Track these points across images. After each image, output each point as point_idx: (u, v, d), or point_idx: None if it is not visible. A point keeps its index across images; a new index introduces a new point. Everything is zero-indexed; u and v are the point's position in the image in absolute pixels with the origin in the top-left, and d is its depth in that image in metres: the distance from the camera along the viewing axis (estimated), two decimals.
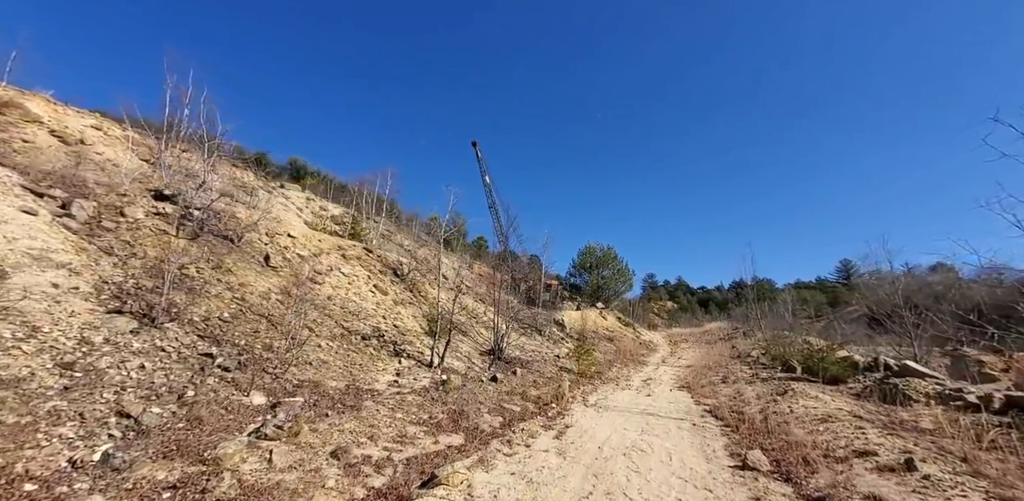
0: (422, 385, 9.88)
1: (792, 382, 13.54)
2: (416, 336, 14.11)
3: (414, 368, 11.18)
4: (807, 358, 14.32)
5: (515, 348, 19.06)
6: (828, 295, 73.87)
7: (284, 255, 13.26)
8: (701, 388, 14.98)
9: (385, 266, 19.28)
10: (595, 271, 45.13)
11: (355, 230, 22.21)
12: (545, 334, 25.56)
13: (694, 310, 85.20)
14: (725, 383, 15.94)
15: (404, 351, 12.21)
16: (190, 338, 7.16)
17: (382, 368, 10.30)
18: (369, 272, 17.29)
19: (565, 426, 9.39)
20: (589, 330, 31.47)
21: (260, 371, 7.46)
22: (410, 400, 8.47)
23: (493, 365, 14.68)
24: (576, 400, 12.63)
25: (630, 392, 14.77)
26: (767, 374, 16.02)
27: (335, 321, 11.40)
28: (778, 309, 28.98)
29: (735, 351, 26.91)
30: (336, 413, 6.94)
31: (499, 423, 8.95)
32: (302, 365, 8.51)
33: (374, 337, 11.89)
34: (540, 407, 11.08)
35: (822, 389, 11.99)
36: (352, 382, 8.73)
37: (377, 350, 11.28)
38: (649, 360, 25.67)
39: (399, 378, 10.03)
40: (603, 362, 21.84)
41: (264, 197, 29.43)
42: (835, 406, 9.82)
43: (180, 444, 4.65)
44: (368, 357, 10.60)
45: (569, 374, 17.06)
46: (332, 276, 14.52)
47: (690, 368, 21.00)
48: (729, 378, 16.60)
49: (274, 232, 14.04)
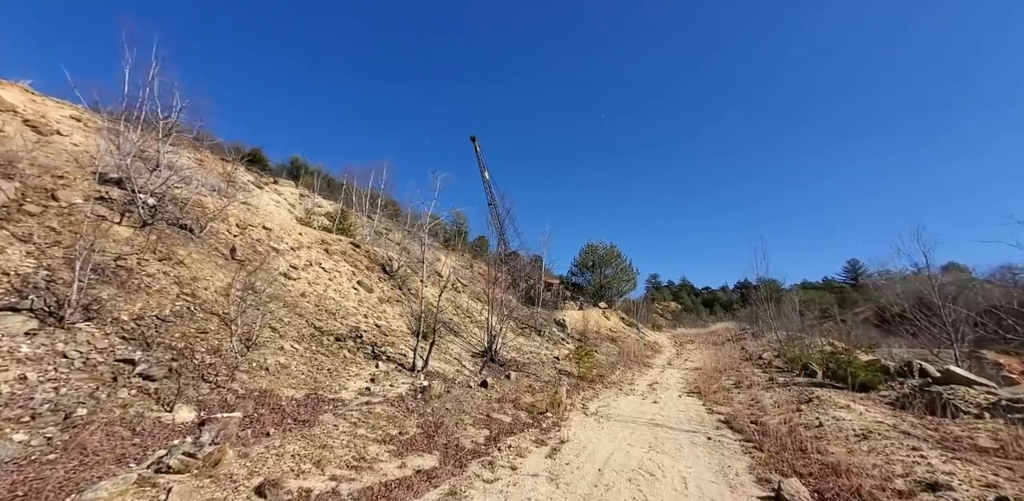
0: (398, 393, 8.68)
1: (815, 388, 12.26)
2: (401, 337, 12.92)
3: (393, 372, 9.98)
4: (830, 362, 13.04)
5: (511, 349, 17.84)
6: (836, 296, 72.47)
7: (256, 248, 12.10)
8: (713, 394, 13.72)
9: (373, 262, 18.11)
10: (598, 270, 43.80)
11: (344, 225, 21.04)
12: (544, 334, 24.32)
13: (698, 311, 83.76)
14: (739, 388, 14.66)
15: (384, 353, 11.01)
16: (109, 341, 5.98)
17: (355, 373, 9.10)
18: (354, 268, 16.11)
19: (560, 441, 8.17)
20: (591, 330, 30.22)
21: (197, 379, 6.28)
22: (380, 411, 7.26)
23: (485, 368, 13.47)
24: (575, 408, 11.40)
25: (635, 398, 13.53)
26: (784, 378, 14.73)
27: (306, 320, 10.21)
28: (785, 310, 27.63)
29: (745, 353, 25.59)
30: (281, 431, 5.73)
31: (484, 438, 7.73)
32: (255, 371, 7.32)
33: (350, 338, 10.70)
34: (534, 417, 9.86)
35: (851, 397, 10.71)
36: (314, 390, 7.53)
37: (352, 352, 10.09)
38: (654, 362, 24.39)
39: (373, 384, 8.83)
40: (605, 364, 20.59)
41: (243, 190, 28.35)
42: (872, 418, 8.55)
43: (31, 487, 3.45)
44: (340, 361, 9.40)
45: (569, 378, 15.82)
46: (310, 271, 13.35)
47: (698, 371, 19.72)
48: (743, 383, 15.32)
49: (246, 223, 12.88)
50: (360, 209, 33.92)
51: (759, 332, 34.95)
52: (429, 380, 10.42)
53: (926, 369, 10.94)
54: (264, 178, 34.43)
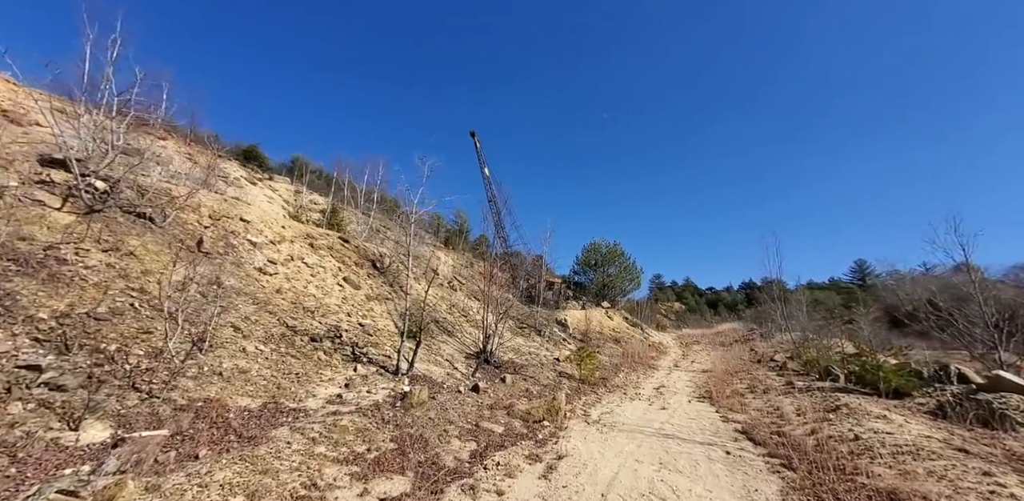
0: (375, 400, 7.66)
1: (840, 394, 11.18)
2: (388, 337, 11.92)
3: (373, 377, 8.97)
4: (855, 365, 11.95)
5: (509, 350, 16.81)
6: (843, 296, 71.20)
7: (228, 241, 11.11)
8: (726, 399, 12.66)
9: (363, 258, 17.11)
10: (600, 269, 42.69)
11: (334, 220, 20.08)
12: (545, 335, 23.27)
13: (703, 311, 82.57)
14: (753, 393, 13.58)
15: (366, 355, 10.01)
16: (14, 343, 4.99)
17: (328, 378, 8.10)
18: (341, 264, 15.12)
19: (558, 456, 7.14)
20: (594, 331, 29.16)
21: (126, 388, 5.28)
22: (347, 423, 6.25)
23: (479, 370, 12.45)
24: (575, 415, 10.37)
25: (641, 403, 12.48)
26: (803, 382, 13.64)
27: (278, 319, 9.22)
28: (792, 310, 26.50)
29: (755, 354, 24.49)
30: (217, 452, 4.73)
31: (469, 453, 6.71)
32: (205, 377, 6.32)
33: (328, 338, 9.70)
34: (529, 426, 8.84)
35: (884, 405, 9.63)
36: (274, 399, 6.53)
37: (328, 354, 9.09)
38: (660, 364, 23.31)
39: (347, 390, 7.82)
40: (609, 366, 19.53)
41: (235, 185, 27.43)
42: (916, 431, 7.48)
43: None
44: (313, 364, 8.40)
45: (569, 381, 14.78)
46: (290, 266, 12.36)
47: (707, 374, 18.63)
48: (757, 387, 14.24)
49: (221, 215, 11.91)
50: (356, 206, 32.94)
51: (768, 333, 33.80)
52: (413, 385, 9.40)
53: (966, 374, 9.85)
54: (258, 174, 33.61)
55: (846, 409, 9.58)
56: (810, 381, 14.03)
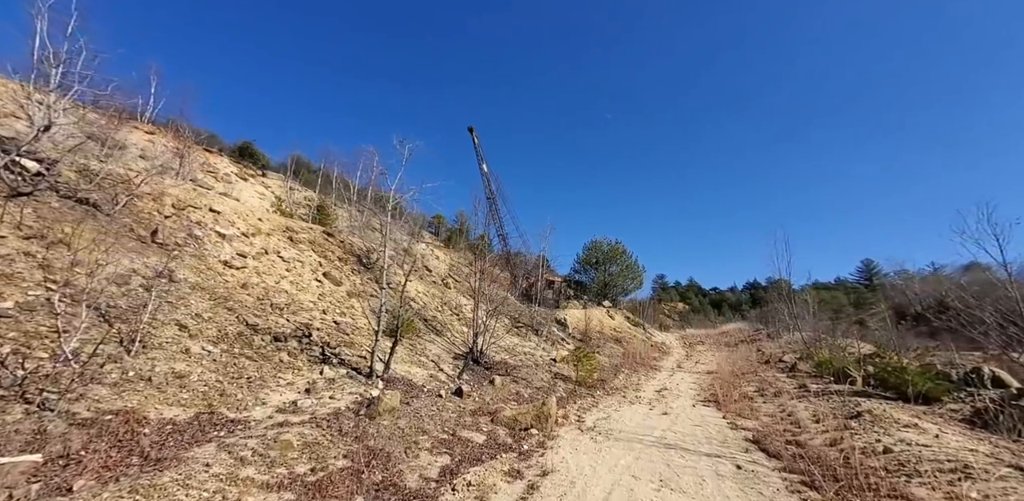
0: (336, 407, 6.74)
1: (859, 399, 10.20)
2: (366, 336, 11.00)
3: (342, 380, 8.05)
4: (877, 367, 10.97)
5: (502, 350, 15.88)
6: (850, 296, 70.02)
7: (192, 232, 10.23)
8: (733, 403, 11.68)
9: (349, 253, 16.23)
10: (602, 267, 41.71)
11: (321, 214, 19.21)
12: (543, 334, 22.32)
13: (707, 311, 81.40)
14: (763, 397, 12.60)
15: (337, 355, 9.10)
16: None
17: (287, 382, 7.18)
18: (323, 259, 14.22)
19: (542, 471, 6.20)
20: (594, 330, 28.17)
21: (12, 400, 4.37)
22: (292, 437, 5.32)
23: (465, 372, 11.53)
24: (568, 421, 9.42)
25: (640, 408, 11.52)
26: (817, 385, 12.65)
27: (237, 316, 8.31)
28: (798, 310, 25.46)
29: (762, 355, 23.46)
30: (104, 480, 3.80)
31: (440, 469, 5.78)
32: (128, 383, 5.41)
33: (294, 338, 8.78)
34: (514, 434, 7.89)
35: (911, 411, 8.65)
36: (211, 408, 5.61)
37: (293, 355, 8.18)
38: (662, 364, 22.32)
39: (306, 397, 6.90)
40: (608, 367, 18.57)
41: (225, 180, 26.61)
42: (955, 442, 6.51)
43: None
44: (272, 366, 7.49)
45: (565, 383, 13.84)
46: (262, 260, 11.46)
47: (713, 375, 17.64)
48: (767, 390, 13.26)
49: (187, 205, 11.02)
50: (350, 203, 32.02)
51: (775, 333, 32.74)
52: (387, 388, 8.48)
53: (1002, 378, 8.86)
54: (251, 170, 32.83)
55: (869, 416, 8.60)
56: (824, 384, 13.03)
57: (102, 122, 15.49)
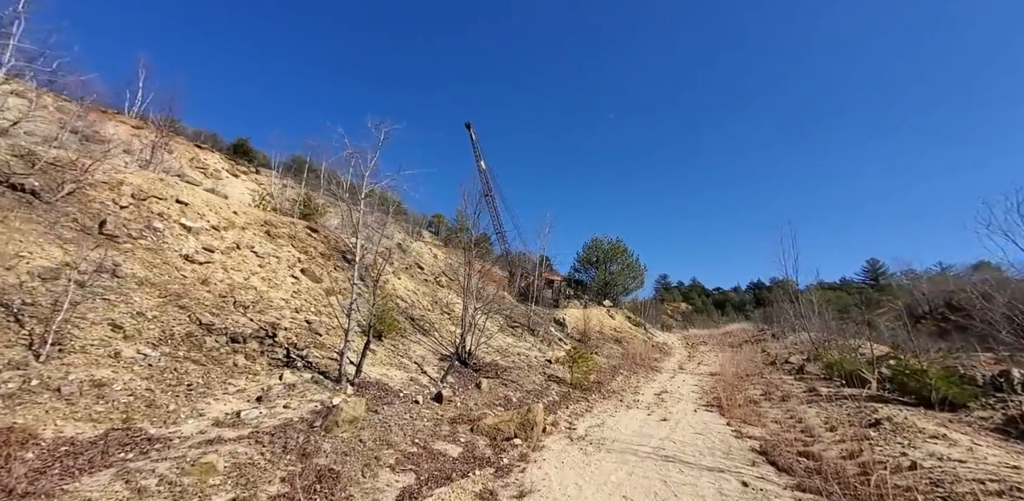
0: (288, 418, 5.96)
1: (876, 404, 9.37)
2: (341, 336, 10.21)
3: (304, 385, 7.28)
4: (894, 369, 10.14)
5: (494, 351, 15.10)
6: (855, 296, 68.95)
7: (151, 224, 9.49)
8: (738, 408, 10.86)
9: (333, 249, 15.48)
10: (602, 266, 40.82)
11: (307, 209, 18.45)
12: (539, 334, 21.53)
13: (710, 312, 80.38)
14: (770, 401, 11.77)
15: (304, 358, 8.33)
16: None
17: (237, 389, 6.41)
18: (303, 254, 13.48)
19: (520, 492, 5.40)
20: (593, 330, 27.35)
21: None
22: (219, 458, 4.55)
23: (450, 374, 10.75)
24: (557, 429, 8.62)
25: (638, 413, 10.72)
26: (828, 389, 11.82)
27: (189, 315, 7.55)
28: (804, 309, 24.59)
29: (767, 356, 22.59)
30: None
31: (397, 493, 4.99)
32: (27, 394, 4.67)
33: (256, 338, 8.02)
34: (495, 445, 7.11)
35: (936, 419, 7.82)
36: (128, 423, 4.84)
37: (251, 358, 7.41)
38: (663, 366, 21.49)
39: (256, 406, 6.13)
40: (606, 368, 17.76)
41: (214, 176, 25.94)
42: (993, 457, 5.68)
43: None
44: (223, 371, 6.72)
45: (559, 385, 13.04)
46: (233, 255, 10.72)
47: (716, 377, 16.80)
48: (773, 393, 12.41)
49: (148, 195, 10.28)
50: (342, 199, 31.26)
51: (780, 333, 31.85)
52: (356, 394, 7.72)
53: None
54: (243, 167, 32.24)
55: (889, 424, 7.77)
56: (835, 387, 12.19)
57: (78, 111, 14.79)
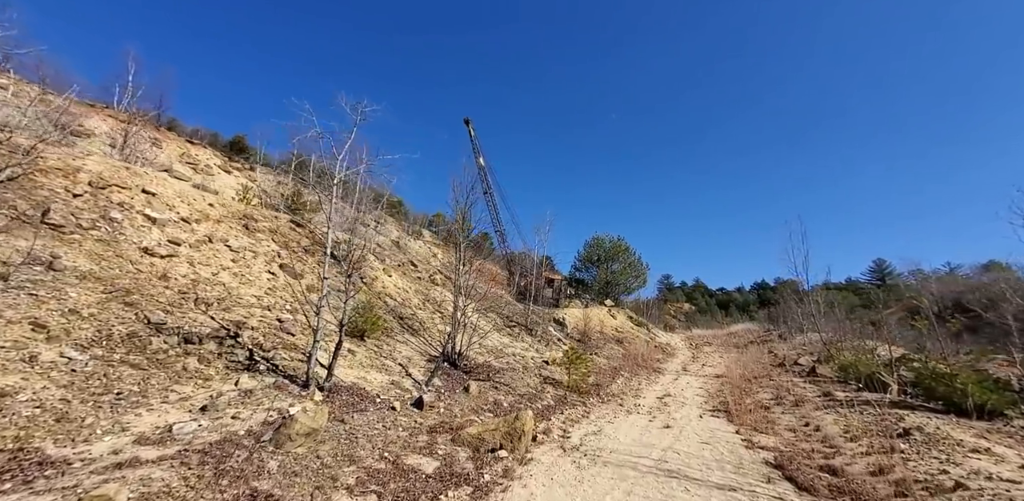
0: (231, 431, 5.19)
1: (901, 411, 8.52)
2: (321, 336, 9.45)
3: (264, 391, 6.51)
4: (918, 372, 9.30)
5: (488, 352, 14.33)
6: (861, 297, 67.84)
7: (108, 214, 8.74)
8: (747, 414, 10.04)
9: (319, 244, 14.73)
10: (604, 265, 39.95)
11: (296, 204, 17.72)
12: (537, 334, 20.72)
13: (714, 312, 79.31)
14: (781, 406, 10.94)
15: (270, 360, 7.56)
16: None
17: (180, 397, 5.64)
18: (284, 249, 12.74)
19: None
20: (594, 330, 26.51)
21: None
22: (123, 487, 3.78)
23: (437, 377, 9.98)
24: (549, 438, 7.83)
25: (639, 419, 9.91)
26: (844, 393, 10.97)
27: (136, 312, 6.78)
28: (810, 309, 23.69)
29: (775, 357, 21.71)
30: None
31: None
32: None
33: (215, 338, 7.25)
34: (478, 458, 6.32)
35: (972, 430, 6.99)
36: (23, 443, 4.06)
37: (206, 361, 6.65)
38: (666, 367, 20.65)
39: (200, 417, 5.35)
40: (606, 370, 16.94)
41: (205, 172, 25.25)
42: None
43: None
44: (167, 376, 5.95)
45: (555, 388, 12.25)
46: (203, 249, 9.97)
47: (722, 379, 15.97)
48: (784, 397, 11.58)
49: (108, 183, 9.54)
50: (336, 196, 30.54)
51: (787, 333, 30.92)
52: (326, 400, 6.95)
53: None
54: (237, 163, 31.67)
55: (920, 434, 6.94)
56: (852, 391, 11.35)
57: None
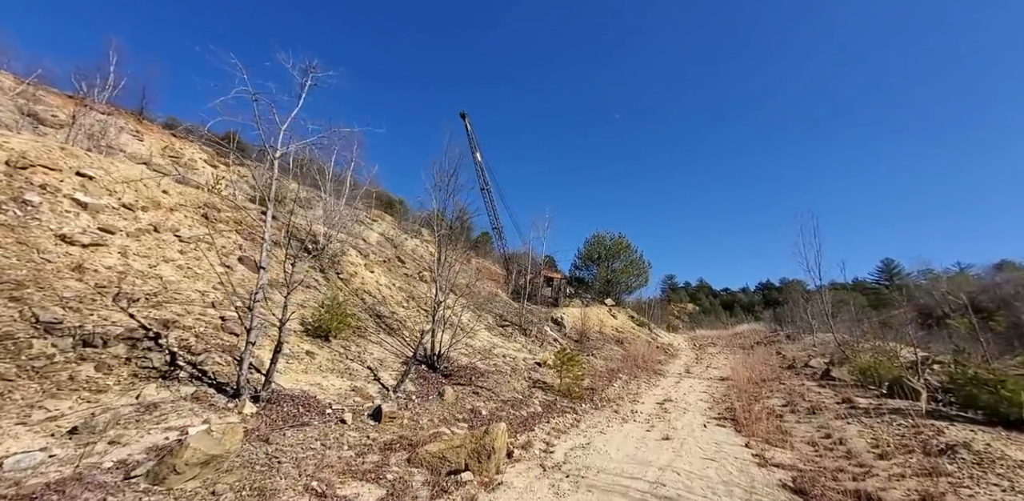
0: (93, 463, 4.08)
1: (937, 421, 7.33)
2: (270, 337, 8.38)
3: (174, 404, 5.41)
4: (954, 376, 8.11)
5: (475, 352, 13.23)
6: (869, 297, 66.33)
7: (22, 197, 7.67)
8: (757, 423, 8.86)
9: (290, 237, 13.65)
10: (604, 263, 38.73)
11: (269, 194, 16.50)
12: (531, 334, 19.58)
13: (718, 312, 77.93)
14: (795, 413, 9.74)
15: (197, 365, 6.46)
16: None
17: (48, 415, 4.57)
18: (248, 241, 11.68)
19: None
20: (593, 330, 25.35)
21: None
22: None
23: (410, 381, 8.88)
24: (527, 454, 6.69)
25: (635, 429, 8.76)
26: (866, 400, 9.78)
27: (22, 309, 5.69)
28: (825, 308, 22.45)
29: (784, 359, 20.47)
30: None
31: None
32: None
33: (127, 341, 6.14)
34: (435, 484, 5.18)
35: None
36: None
37: (107, 368, 5.57)
38: (668, 369, 19.45)
39: (62, 442, 4.26)
40: (603, 372, 15.79)
41: (189, 167, 24.24)
42: None
43: None
44: (41, 388, 4.88)
45: (544, 393, 11.12)
46: (143, 238, 8.89)
47: (727, 382, 14.78)
48: (798, 404, 10.38)
49: (35, 163, 8.46)
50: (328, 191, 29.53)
51: (795, 334, 29.62)
52: (260, 413, 5.84)
53: None
54: (225, 159, 30.82)
55: (967, 452, 5.77)
56: (874, 397, 10.14)
57: None
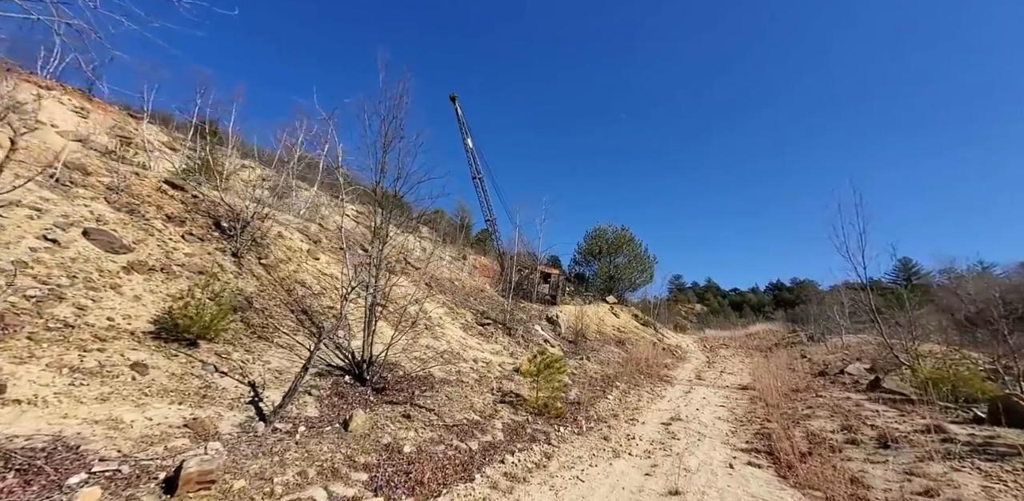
0: None
1: None
2: (100, 339, 5.71)
3: None
4: None
5: (437, 356, 10.48)
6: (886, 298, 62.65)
7: None
8: (806, 460, 6.04)
9: (199, 212, 11.01)
10: (606, 258, 35.85)
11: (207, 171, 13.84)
12: (517, 334, 16.78)
13: (727, 313, 74.64)
14: (857, 445, 6.87)
15: None
16: None
17: None
18: (126, 214, 9.01)
19: None
20: (592, 330, 22.51)
21: None
22: None
23: (295, 403, 6.15)
24: None
25: (629, 470, 5.99)
26: (958, 427, 6.91)
27: None
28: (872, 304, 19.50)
29: (812, 364, 17.49)
30: None
31: None
32: None
33: None
34: None
35: None
36: None
37: None
38: (676, 374, 16.58)
39: None
40: (597, 379, 12.97)
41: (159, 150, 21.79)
42: None
43: None
44: None
45: (514, 411, 8.38)
46: None
47: (749, 393, 11.92)
48: (858, 430, 7.50)
49: None
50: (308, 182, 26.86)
51: (819, 334, 26.57)
52: None
53: None
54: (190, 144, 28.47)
55: None
56: (964, 421, 7.26)
57: None
